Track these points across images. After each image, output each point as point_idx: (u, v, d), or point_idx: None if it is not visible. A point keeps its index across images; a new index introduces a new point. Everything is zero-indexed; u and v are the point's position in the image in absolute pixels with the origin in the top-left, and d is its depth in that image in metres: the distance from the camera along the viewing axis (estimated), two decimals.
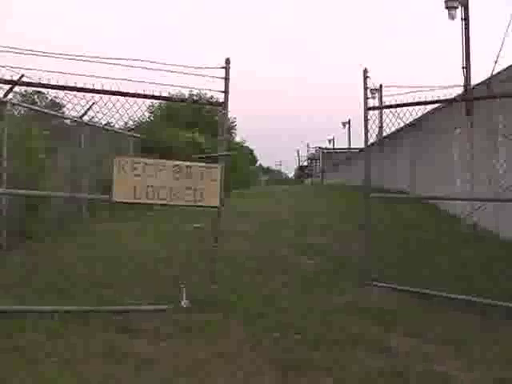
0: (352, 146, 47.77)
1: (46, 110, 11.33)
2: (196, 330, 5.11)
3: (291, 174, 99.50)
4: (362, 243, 7.12)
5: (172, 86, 5.97)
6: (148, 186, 5.64)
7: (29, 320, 5.09)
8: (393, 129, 7.25)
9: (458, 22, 15.16)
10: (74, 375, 4.02)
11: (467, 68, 14.37)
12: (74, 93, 5.77)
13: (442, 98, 6.63)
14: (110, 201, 5.75)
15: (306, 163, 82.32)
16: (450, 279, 6.48)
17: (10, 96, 9.03)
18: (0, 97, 8.50)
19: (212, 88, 6.16)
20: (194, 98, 18.80)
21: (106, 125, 12.54)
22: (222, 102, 6.13)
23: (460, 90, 12.23)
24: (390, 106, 6.86)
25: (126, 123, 9.88)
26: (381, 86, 10.54)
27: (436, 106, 9.82)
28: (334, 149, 62.14)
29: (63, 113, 11.06)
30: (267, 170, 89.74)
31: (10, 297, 5.70)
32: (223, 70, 6.01)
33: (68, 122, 12.69)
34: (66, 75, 5.57)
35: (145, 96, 5.88)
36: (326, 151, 63.05)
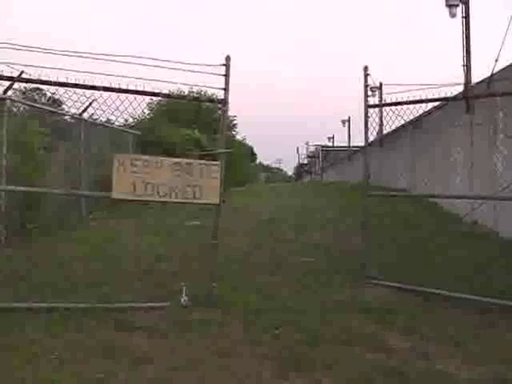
0: (352, 144, 47.74)
1: (46, 107, 11.32)
2: (195, 328, 5.12)
3: (291, 172, 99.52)
4: (362, 241, 7.12)
5: (172, 83, 5.94)
6: (148, 183, 5.63)
7: (28, 317, 5.09)
8: (393, 127, 7.24)
9: (458, 21, 15.16)
10: (72, 373, 4.02)
11: (467, 66, 14.35)
12: (74, 89, 5.75)
13: (442, 96, 6.62)
14: (109, 198, 5.75)
15: (305, 161, 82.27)
16: (449, 277, 6.47)
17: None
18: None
19: (212, 85, 6.15)
20: (195, 95, 18.77)
21: (106, 122, 12.54)
22: (222, 99, 6.12)
23: (460, 89, 12.21)
24: (391, 104, 6.84)
25: (126, 120, 9.88)
26: (381, 83, 10.55)
27: (436, 104, 9.80)
28: (333, 147, 62.10)
29: (63, 110, 11.04)
30: (266, 168, 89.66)
31: (8, 293, 5.70)
32: (223, 67, 6.00)
33: (67, 118, 12.67)
34: (65, 72, 5.57)
35: (144, 93, 5.86)
36: (325, 149, 63.01)
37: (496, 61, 10.90)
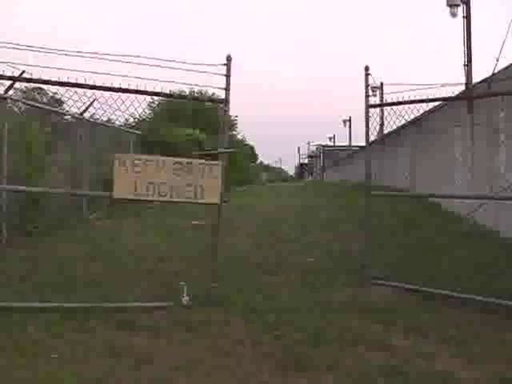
0: (353, 144, 47.80)
1: (47, 107, 11.32)
2: (196, 328, 5.11)
3: (291, 172, 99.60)
4: (363, 241, 7.12)
5: (173, 82, 5.93)
6: (149, 183, 5.63)
7: (29, 316, 5.09)
8: (394, 127, 7.23)
9: (459, 21, 15.17)
10: (72, 373, 4.01)
11: (468, 66, 14.36)
12: (75, 89, 5.75)
13: (443, 95, 6.61)
14: (110, 197, 5.76)
15: (306, 161, 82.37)
16: (449, 277, 6.47)
17: (11, 92, 9.01)
18: (1, 93, 8.48)
19: (213, 85, 6.15)
20: (195, 94, 18.81)
21: (106, 121, 12.55)
22: (223, 99, 6.11)
23: (461, 88, 12.22)
24: (391, 104, 6.83)
25: (126, 120, 9.88)
26: (382, 83, 10.54)
27: (437, 103, 9.79)
28: (334, 146, 62.17)
29: (64, 109, 11.04)
30: (267, 168, 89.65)
31: (10, 292, 5.70)
32: (224, 66, 5.99)
33: (69, 118, 12.68)
34: (66, 71, 5.57)
35: (146, 93, 5.86)
36: (326, 149, 63.05)
37: (497, 60, 10.91)
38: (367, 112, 7.02)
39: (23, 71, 5.86)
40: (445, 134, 12.79)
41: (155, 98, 6.59)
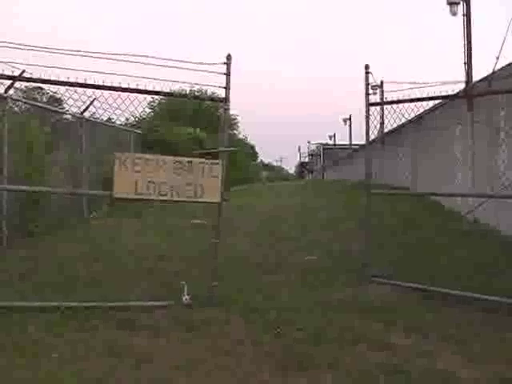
0: (353, 143, 47.76)
1: (47, 106, 11.31)
2: (196, 327, 5.11)
3: (292, 171, 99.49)
4: (363, 240, 7.11)
5: (173, 81, 5.92)
6: (149, 182, 5.63)
7: (29, 316, 5.09)
8: (394, 125, 7.22)
9: (459, 19, 15.14)
10: (72, 372, 4.01)
11: (468, 64, 14.33)
12: (75, 88, 5.74)
13: (443, 94, 6.60)
14: (110, 197, 5.75)
15: (307, 159, 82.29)
16: (450, 276, 6.46)
17: (11, 92, 9.00)
18: (1, 92, 8.47)
19: (213, 84, 6.14)
20: (196, 93, 18.80)
21: (107, 120, 12.53)
22: (224, 98, 6.10)
23: (461, 87, 12.20)
24: (392, 102, 6.82)
25: (127, 119, 9.84)
26: (382, 82, 10.52)
27: (437, 102, 9.77)
28: (334, 145, 62.12)
29: (63, 108, 11.03)
30: (268, 167, 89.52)
31: (10, 292, 5.70)
32: (224, 65, 5.98)
33: (69, 117, 12.66)
34: (66, 71, 5.57)
35: (146, 92, 5.85)
36: (326, 147, 62.99)
37: (497, 58, 10.89)
38: (367, 110, 7.01)
39: (23, 71, 5.84)
40: (445, 133, 12.77)
41: (155, 97, 6.59)
